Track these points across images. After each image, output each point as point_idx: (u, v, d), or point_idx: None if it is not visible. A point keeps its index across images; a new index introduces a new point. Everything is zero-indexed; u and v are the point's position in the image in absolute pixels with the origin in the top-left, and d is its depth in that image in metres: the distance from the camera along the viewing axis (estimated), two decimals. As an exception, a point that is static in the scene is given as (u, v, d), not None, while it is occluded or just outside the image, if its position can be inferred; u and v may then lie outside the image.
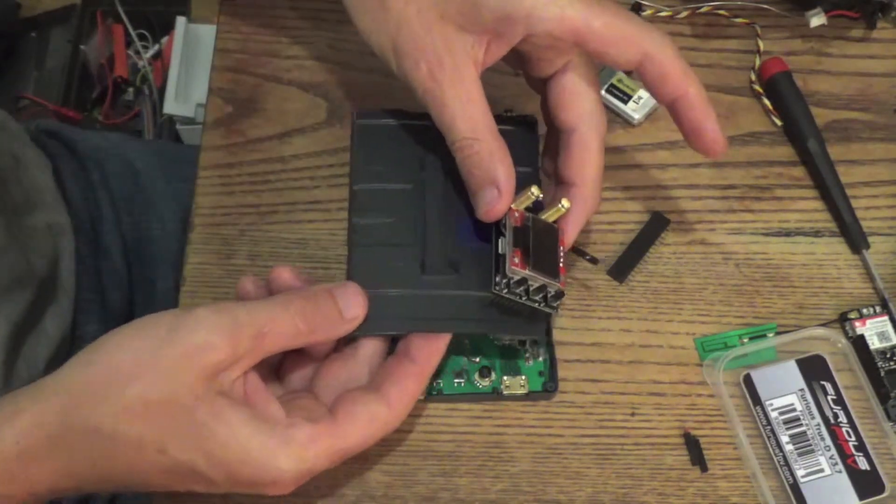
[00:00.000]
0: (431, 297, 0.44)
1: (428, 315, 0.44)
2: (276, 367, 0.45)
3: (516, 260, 0.42)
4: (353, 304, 0.42)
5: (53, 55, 1.25)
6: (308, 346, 0.43)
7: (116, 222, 0.65)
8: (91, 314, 0.60)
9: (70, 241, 0.60)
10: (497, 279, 0.43)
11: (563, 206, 0.43)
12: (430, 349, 0.43)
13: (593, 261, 0.49)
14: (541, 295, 0.43)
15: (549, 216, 0.44)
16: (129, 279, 0.65)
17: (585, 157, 0.44)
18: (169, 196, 0.68)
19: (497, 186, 0.42)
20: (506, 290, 0.42)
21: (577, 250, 0.49)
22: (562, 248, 0.44)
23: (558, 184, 0.46)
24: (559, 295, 0.43)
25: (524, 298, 0.43)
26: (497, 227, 0.43)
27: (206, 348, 0.38)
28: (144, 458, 0.38)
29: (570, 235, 0.45)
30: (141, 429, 0.38)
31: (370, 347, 0.44)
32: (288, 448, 0.39)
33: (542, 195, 0.43)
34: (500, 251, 0.43)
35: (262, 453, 0.38)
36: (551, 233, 0.44)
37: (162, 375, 0.38)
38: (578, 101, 0.44)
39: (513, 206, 0.43)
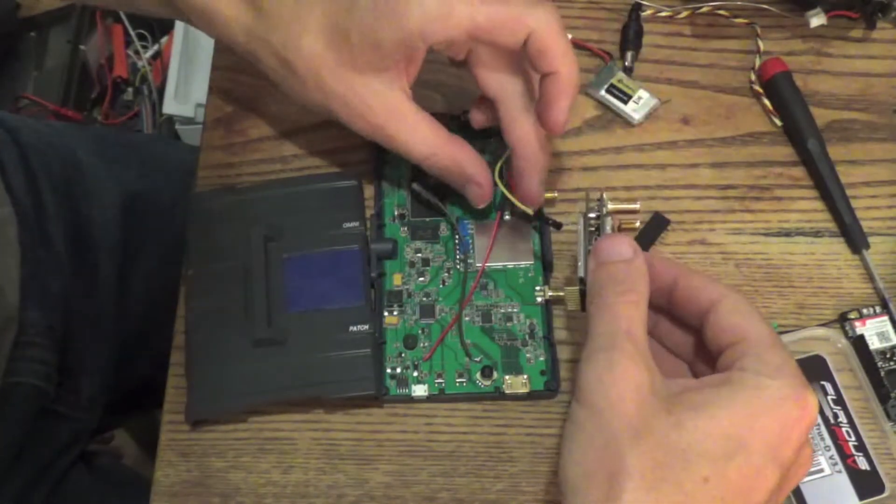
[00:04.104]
0: (266, 369, 0.46)
1: (264, 388, 0.46)
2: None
3: None
4: None
5: (53, 55, 1.25)
6: None
7: (58, 210, 0.64)
8: (31, 301, 0.60)
9: (13, 233, 0.59)
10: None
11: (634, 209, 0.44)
12: None
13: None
14: None
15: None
16: (71, 266, 0.64)
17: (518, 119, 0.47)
18: (109, 181, 0.68)
19: (473, 182, 0.47)
20: None
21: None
22: None
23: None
24: None
25: None
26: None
27: None
28: None
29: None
30: None
31: None
32: None
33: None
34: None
35: None
36: None
37: None
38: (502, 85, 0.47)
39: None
